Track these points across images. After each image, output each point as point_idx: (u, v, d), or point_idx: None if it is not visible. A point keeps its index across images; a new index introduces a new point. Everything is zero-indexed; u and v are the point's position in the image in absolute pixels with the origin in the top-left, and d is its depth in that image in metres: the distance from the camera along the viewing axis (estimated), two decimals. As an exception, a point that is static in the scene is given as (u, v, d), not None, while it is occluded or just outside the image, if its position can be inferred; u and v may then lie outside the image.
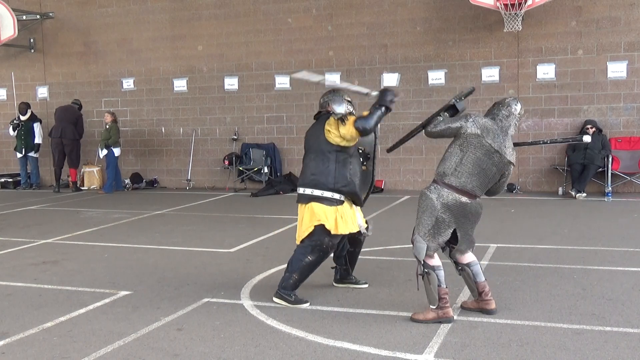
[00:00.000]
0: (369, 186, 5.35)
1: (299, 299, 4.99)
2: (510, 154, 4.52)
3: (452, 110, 4.60)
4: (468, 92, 4.81)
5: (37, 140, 14.05)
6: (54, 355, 4.10)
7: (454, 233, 4.52)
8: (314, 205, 4.99)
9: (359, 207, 5.29)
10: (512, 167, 4.58)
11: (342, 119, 4.92)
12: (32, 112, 14.08)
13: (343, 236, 5.15)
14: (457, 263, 4.69)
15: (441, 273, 4.46)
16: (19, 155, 14.08)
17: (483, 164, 4.45)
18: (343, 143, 4.97)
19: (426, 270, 4.44)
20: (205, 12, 13.42)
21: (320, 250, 4.98)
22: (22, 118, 13.93)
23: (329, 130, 4.97)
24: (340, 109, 4.97)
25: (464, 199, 4.45)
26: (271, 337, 4.31)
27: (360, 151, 5.21)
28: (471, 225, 4.56)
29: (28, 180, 14.24)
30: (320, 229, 4.96)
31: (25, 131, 13.90)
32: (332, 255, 5.22)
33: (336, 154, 5.00)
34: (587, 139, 4.50)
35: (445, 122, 4.51)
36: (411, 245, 4.54)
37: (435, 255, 4.50)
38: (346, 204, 5.07)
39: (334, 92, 5.18)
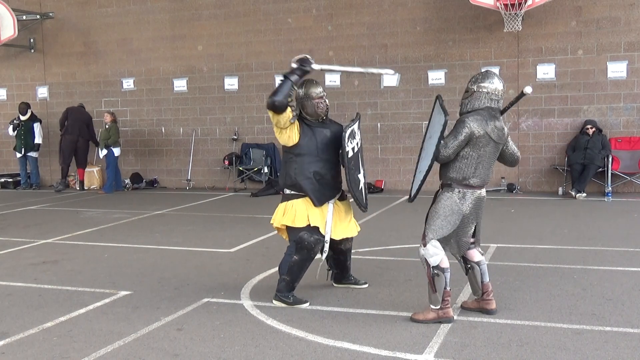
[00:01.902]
0: (337, 190, 5.19)
1: (297, 299, 5.00)
2: (505, 127, 4.65)
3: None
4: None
5: (37, 140, 14.04)
6: (54, 355, 4.10)
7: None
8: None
9: (347, 215, 5.24)
10: (507, 131, 4.65)
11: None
12: (32, 112, 14.07)
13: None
14: (466, 261, 4.70)
15: (448, 275, 4.47)
16: (18, 155, 14.07)
17: (495, 154, 4.60)
18: (280, 136, 5.03)
19: (436, 272, 4.44)
20: (205, 12, 13.42)
21: (303, 248, 4.97)
22: (22, 118, 13.91)
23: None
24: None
25: (484, 191, 4.61)
26: (271, 337, 4.32)
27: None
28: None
29: (28, 180, 14.24)
30: (291, 228, 5.06)
31: (25, 131, 13.89)
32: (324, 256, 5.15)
33: (285, 154, 5.16)
34: (527, 89, 4.44)
35: (451, 140, 4.42)
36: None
37: (445, 257, 4.51)
38: (307, 201, 5.05)
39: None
